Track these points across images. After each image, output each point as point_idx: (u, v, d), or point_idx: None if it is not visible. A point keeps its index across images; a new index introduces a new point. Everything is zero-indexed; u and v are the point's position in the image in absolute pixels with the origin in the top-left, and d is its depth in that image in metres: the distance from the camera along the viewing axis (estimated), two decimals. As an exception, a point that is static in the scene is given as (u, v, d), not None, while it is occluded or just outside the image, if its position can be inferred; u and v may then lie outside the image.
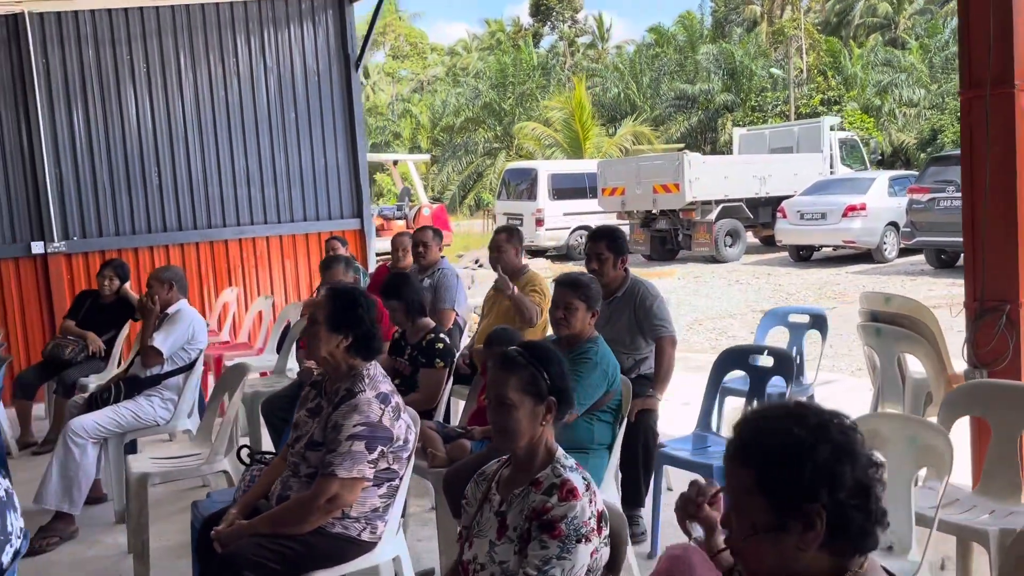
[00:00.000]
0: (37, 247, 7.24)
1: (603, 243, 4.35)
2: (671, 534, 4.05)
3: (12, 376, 6.45)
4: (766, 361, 3.98)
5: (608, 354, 3.41)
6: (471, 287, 13.51)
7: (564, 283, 3.53)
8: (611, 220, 17.56)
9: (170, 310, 4.85)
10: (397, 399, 2.89)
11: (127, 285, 6.34)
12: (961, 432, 4.01)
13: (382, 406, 2.79)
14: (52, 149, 7.30)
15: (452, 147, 38.67)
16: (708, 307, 11.10)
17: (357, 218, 8.83)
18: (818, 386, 6.42)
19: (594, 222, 17.86)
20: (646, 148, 24.59)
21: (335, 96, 8.66)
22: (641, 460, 3.94)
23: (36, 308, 7.28)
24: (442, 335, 4.15)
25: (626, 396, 3.47)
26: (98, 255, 7.53)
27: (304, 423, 2.96)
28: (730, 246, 16.06)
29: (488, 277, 13.87)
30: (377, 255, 15.16)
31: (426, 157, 25.71)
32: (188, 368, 4.75)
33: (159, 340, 4.65)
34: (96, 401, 4.67)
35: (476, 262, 15.74)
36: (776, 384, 4.87)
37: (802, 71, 33.92)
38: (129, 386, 4.68)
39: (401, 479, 2.90)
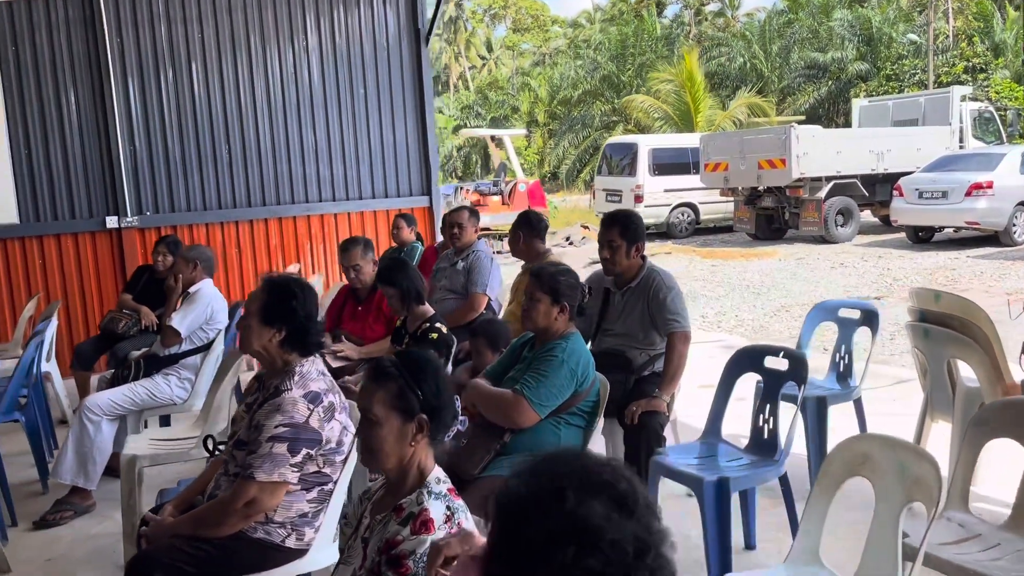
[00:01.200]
0: (111, 221, 7.51)
1: (616, 229, 4.03)
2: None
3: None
4: (779, 364, 3.57)
5: (579, 352, 3.12)
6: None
7: (531, 272, 3.28)
8: (714, 197, 16.90)
9: (191, 289, 4.87)
10: (332, 398, 2.72)
11: (181, 261, 6.46)
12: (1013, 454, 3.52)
13: (310, 406, 2.63)
14: (126, 127, 7.53)
15: (569, 120, 38.22)
16: (802, 292, 10.43)
17: (426, 195, 8.73)
18: (889, 386, 5.90)
19: (697, 199, 17.26)
20: (762, 121, 23.45)
21: (405, 71, 8.55)
22: (644, 466, 3.64)
23: (111, 280, 7.55)
24: (437, 324, 3.95)
25: (603, 397, 3.19)
26: (170, 230, 7.73)
27: (241, 418, 2.84)
28: (842, 226, 15.09)
29: (575, 256, 13.50)
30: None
31: (522, 132, 25.39)
32: (206, 348, 4.76)
33: (177, 320, 4.67)
34: (119, 378, 4.76)
35: (567, 239, 15.44)
36: (824, 386, 4.47)
37: (947, 35, 31.47)
38: (148, 364, 4.74)
39: (336, 483, 2.74)
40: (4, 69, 7.08)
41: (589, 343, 4.27)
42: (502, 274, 5.70)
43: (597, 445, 4.31)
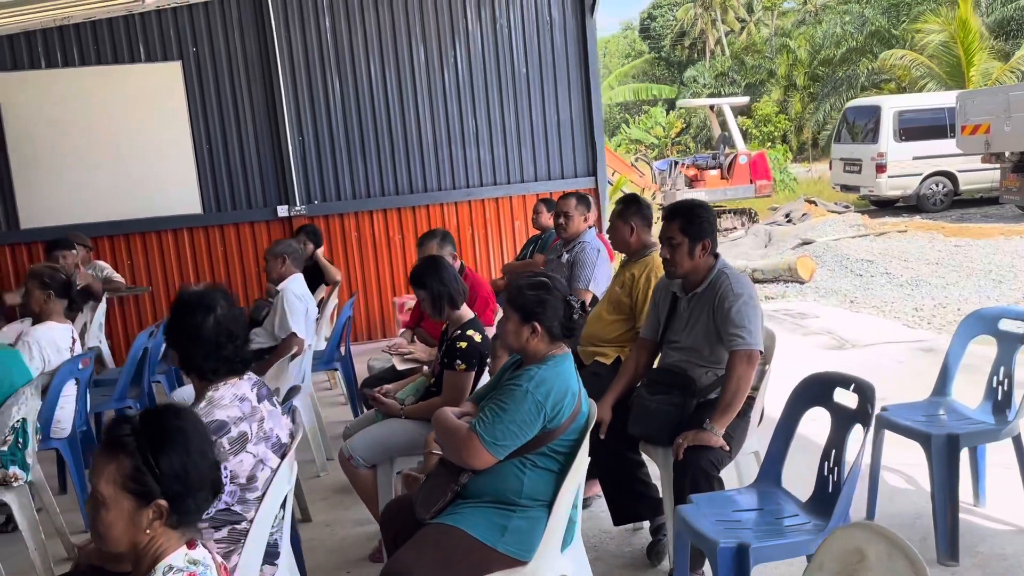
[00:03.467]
0: (282, 211, 7.85)
1: (676, 224, 3.39)
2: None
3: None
4: (849, 399, 2.78)
5: (552, 380, 2.59)
6: (768, 245, 12.14)
7: (505, 284, 2.80)
8: (974, 164, 14.61)
9: (280, 286, 4.86)
10: (247, 427, 2.46)
11: (320, 250, 6.58)
12: None
13: (212, 436, 2.38)
14: (295, 119, 7.81)
15: (832, 82, 35.20)
16: (1058, 280, 8.64)
17: (591, 176, 8.28)
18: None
19: (955, 166, 15.08)
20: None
21: (569, 46, 8.14)
22: (687, 511, 3.02)
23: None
24: (469, 332, 3.56)
25: (587, 432, 2.63)
26: (336, 218, 7.97)
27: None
28: None
29: (784, 235, 12.26)
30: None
31: (744, 100, 23.43)
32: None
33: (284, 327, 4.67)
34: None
35: (786, 216, 14.05)
36: (973, 419, 3.51)
37: None
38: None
39: (251, 522, 2.48)
40: (187, 69, 7.60)
41: (657, 357, 3.68)
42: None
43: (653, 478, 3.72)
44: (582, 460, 2.60)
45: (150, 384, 5.16)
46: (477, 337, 3.58)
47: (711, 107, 17.61)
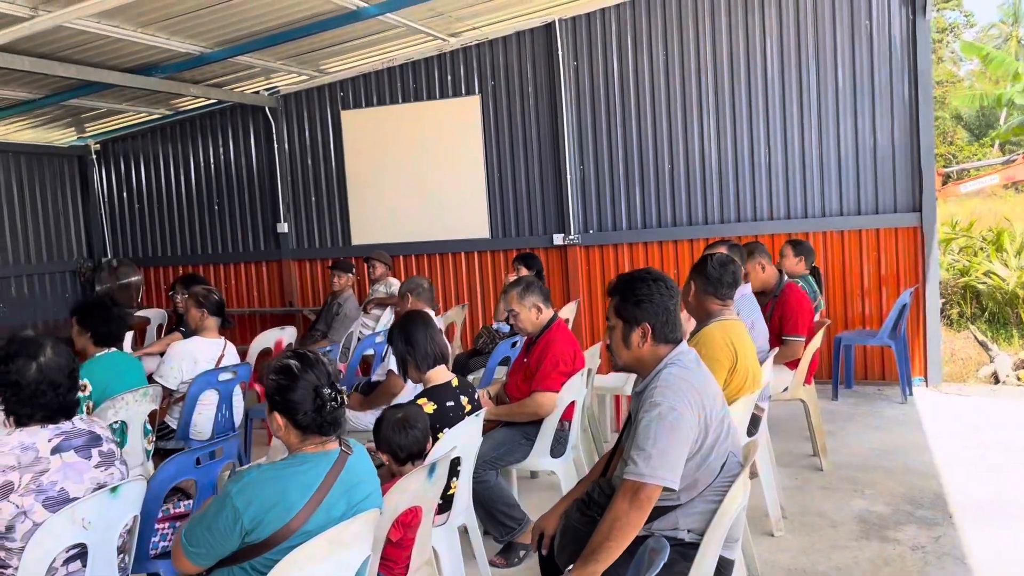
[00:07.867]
0: (558, 239, 7.77)
1: (612, 302, 2.62)
2: None
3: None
4: None
5: (261, 486, 2.14)
6: None
7: None
8: None
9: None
10: (15, 476, 2.48)
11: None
12: None
13: (-20, 477, 2.47)
14: (576, 148, 7.68)
15: None
16: None
17: (915, 212, 6.71)
18: None
19: None
20: None
21: (893, 53, 6.70)
22: None
23: (556, 294, 7.73)
24: (421, 399, 3.13)
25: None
26: (610, 248, 7.67)
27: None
28: None
29: None
30: None
31: None
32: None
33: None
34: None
35: None
36: None
37: None
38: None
39: (16, 570, 2.50)
40: (484, 102, 7.95)
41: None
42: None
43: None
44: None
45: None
46: (428, 408, 3.15)
47: None
